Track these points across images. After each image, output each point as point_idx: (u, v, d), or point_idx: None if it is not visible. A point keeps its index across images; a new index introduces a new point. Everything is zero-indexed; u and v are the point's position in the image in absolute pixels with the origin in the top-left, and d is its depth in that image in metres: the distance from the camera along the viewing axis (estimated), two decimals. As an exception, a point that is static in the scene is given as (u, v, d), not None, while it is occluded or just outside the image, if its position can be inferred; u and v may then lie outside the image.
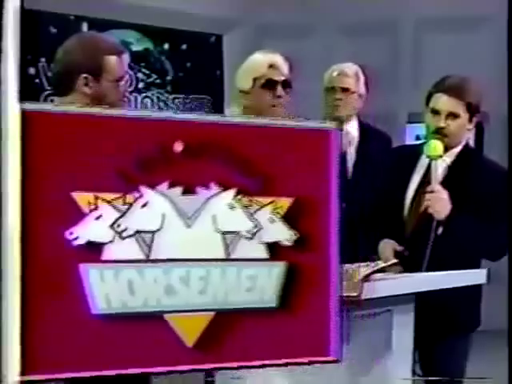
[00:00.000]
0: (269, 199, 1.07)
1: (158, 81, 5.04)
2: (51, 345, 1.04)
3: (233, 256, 1.03)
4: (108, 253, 1.03)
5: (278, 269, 1.05)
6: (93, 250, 1.03)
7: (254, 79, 2.96)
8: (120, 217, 1.04)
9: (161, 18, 4.95)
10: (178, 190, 1.04)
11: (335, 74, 3.73)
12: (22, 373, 1.06)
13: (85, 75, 2.43)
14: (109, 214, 1.03)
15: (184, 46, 5.33)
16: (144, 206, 1.03)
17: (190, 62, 5.37)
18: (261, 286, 1.05)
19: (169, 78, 5.24)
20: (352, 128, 3.71)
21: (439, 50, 5.35)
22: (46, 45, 4.42)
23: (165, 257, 1.01)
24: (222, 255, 1.05)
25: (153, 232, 1.04)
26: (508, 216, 2.66)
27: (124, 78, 2.55)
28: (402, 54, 5.67)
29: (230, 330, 1.05)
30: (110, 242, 1.05)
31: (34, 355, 1.03)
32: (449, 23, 5.47)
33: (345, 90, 3.68)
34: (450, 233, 2.69)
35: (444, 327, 2.78)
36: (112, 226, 1.04)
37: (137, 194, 1.05)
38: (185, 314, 1.03)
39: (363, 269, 2.40)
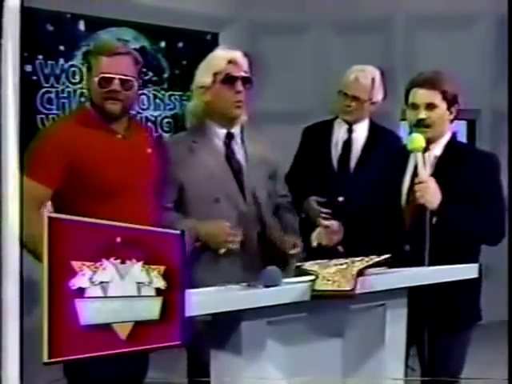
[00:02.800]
0: (156, 267, 2.10)
1: (154, 78, 5.06)
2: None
3: (141, 294, 2.07)
4: (88, 292, 2.01)
5: (159, 300, 2.08)
6: (81, 291, 1.99)
7: (215, 74, 2.99)
8: (93, 274, 2.00)
9: (157, 16, 4.97)
10: (119, 261, 2.04)
11: (351, 78, 3.70)
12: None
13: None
14: (88, 273, 1.99)
15: (180, 44, 5.34)
16: (104, 269, 2.01)
17: (186, 60, 5.38)
18: (152, 308, 2.07)
19: (165, 75, 5.26)
20: (361, 128, 3.73)
21: (432, 47, 5.38)
22: (43, 42, 4.45)
23: (113, 294, 2.03)
24: (136, 293, 2.06)
25: (107, 282, 2.02)
26: (509, 212, 2.71)
27: (106, 78, 2.74)
28: (395, 52, 5.70)
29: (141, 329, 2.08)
30: (88, 287, 2.00)
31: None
32: (442, 21, 5.50)
33: (356, 98, 3.69)
34: (444, 221, 2.73)
35: (442, 321, 2.80)
36: (89, 279, 2.00)
37: (100, 263, 2.02)
38: (123, 323, 2.06)
39: (357, 263, 2.43)
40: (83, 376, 2.76)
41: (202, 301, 2.21)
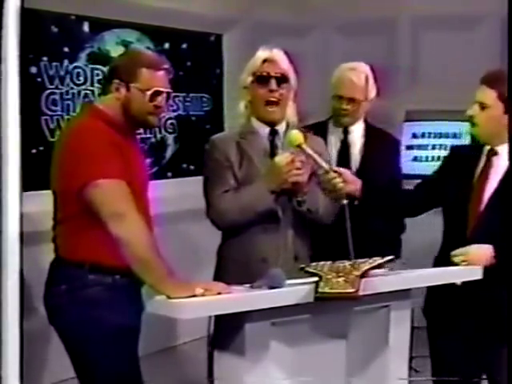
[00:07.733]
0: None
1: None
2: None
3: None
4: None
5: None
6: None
7: (253, 74, 3.02)
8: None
9: (161, 18, 4.96)
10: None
11: (344, 79, 3.52)
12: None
13: (117, 81, 2.66)
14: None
15: (184, 46, 5.34)
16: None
17: (190, 61, 5.38)
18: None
19: (169, 76, 5.26)
20: (357, 130, 3.59)
21: (437, 48, 5.37)
22: (48, 44, 4.45)
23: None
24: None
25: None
26: (509, 208, 2.71)
27: (158, 91, 2.69)
28: (400, 53, 5.69)
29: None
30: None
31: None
32: (446, 21, 5.49)
33: (352, 100, 3.50)
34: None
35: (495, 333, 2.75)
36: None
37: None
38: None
39: (361, 265, 2.44)
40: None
41: (207, 302, 2.22)
